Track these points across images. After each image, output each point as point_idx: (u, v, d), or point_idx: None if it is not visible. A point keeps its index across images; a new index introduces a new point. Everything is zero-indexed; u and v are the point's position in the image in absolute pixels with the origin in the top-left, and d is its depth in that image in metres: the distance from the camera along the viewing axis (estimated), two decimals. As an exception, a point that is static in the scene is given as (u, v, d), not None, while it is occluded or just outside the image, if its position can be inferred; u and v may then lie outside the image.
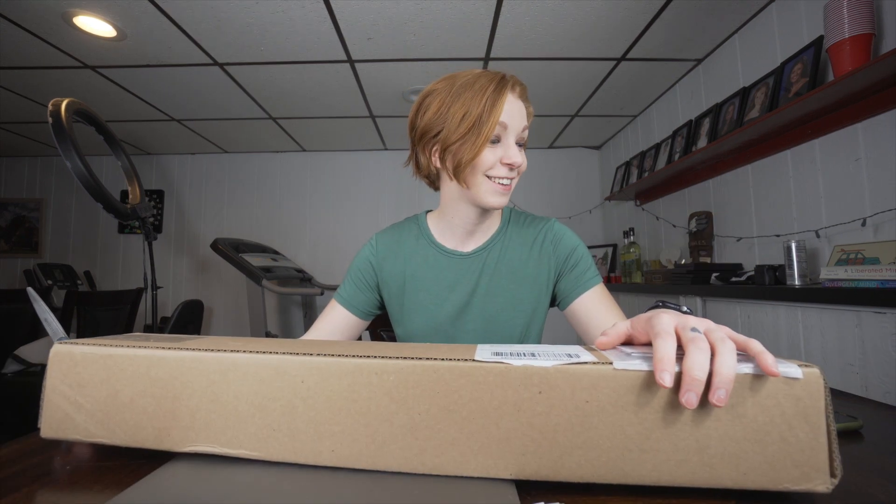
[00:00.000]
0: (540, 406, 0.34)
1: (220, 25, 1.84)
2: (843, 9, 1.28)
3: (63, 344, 0.41)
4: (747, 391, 0.32)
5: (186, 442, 0.38)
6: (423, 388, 0.35)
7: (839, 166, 1.44)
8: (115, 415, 0.39)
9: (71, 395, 0.40)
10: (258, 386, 0.37)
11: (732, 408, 0.32)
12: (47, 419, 0.40)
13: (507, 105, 0.68)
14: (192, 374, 0.38)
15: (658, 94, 2.53)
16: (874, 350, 1.08)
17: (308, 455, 0.36)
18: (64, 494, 0.35)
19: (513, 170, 0.70)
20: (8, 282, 3.61)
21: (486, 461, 0.34)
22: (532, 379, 0.34)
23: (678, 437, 0.33)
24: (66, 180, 3.64)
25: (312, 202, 3.60)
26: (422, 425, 0.35)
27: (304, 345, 0.42)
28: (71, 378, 0.40)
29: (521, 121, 0.70)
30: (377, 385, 0.36)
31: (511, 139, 0.69)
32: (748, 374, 0.33)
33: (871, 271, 1.12)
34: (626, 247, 2.73)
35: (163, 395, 0.39)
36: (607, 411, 0.33)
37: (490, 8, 1.73)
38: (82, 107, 1.85)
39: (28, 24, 1.82)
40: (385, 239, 0.83)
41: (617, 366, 0.33)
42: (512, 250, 0.79)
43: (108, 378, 0.40)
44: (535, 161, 3.57)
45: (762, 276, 1.47)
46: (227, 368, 0.38)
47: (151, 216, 2.21)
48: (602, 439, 0.33)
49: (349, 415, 0.36)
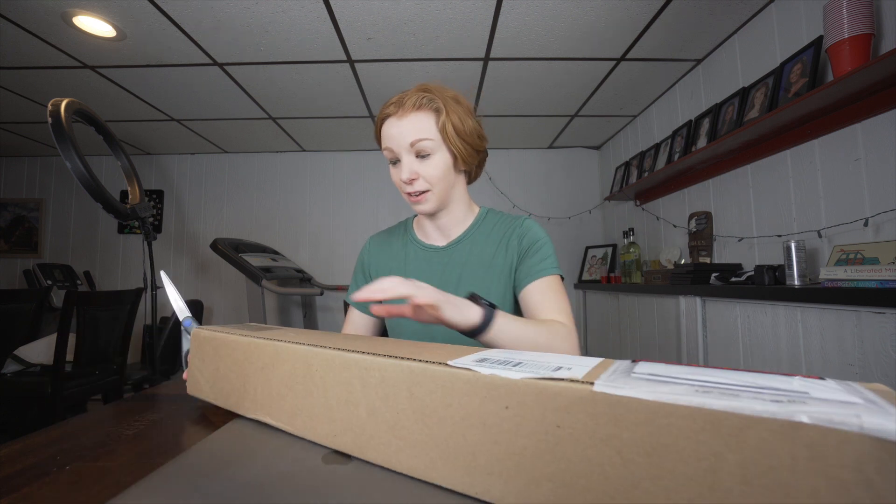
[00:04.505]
0: (507, 423, 0.29)
1: (219, 25, 1.84)
2: (842, 9, 1.28)
3: (200, 328, 0.55)
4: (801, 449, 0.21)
5: (250, 411, 0.47)
6: (401, 388, 0.35)
7: (839, 166, 1.44)
8: (216, 383, 0.52)
9: (199, 366, 0.54)
10: (290, 372, 0.44)
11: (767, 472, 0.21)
12: (189, 381, 0.56)
13: (386, 132, 0.77)
14: (253, 357, 0.47)
15: (658, 94, 2.53)
16: (874, 350, 1.08)
17: (321, 436, 0.40)
18: (64, 494, 0.35)
19: (411, 184, 0.76)
20: (8, 282, 3.61)
21: (454, 474, 0.32)
22: (499, 391, 0.30)
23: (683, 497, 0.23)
24: (66, 180, 3.63)
25: (312, 202, 3.60)
26: (399, 425, 0.35)
27: (325, 337, 0.49)
28: (199, 353, 0.54)
29: (407, 137, 0.75)
30: (367, 381, 0.37)
31: (406, 157, 0.76)
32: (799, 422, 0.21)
33: (870, 271, 1.12)
34: (625, 247, 2.73)
35: (239, 371, 0.49)
36: (582, 443, 0.26)
37: (490, 8, 1.73)
38: (82, 107, 1.85)
39: (28, 24, 1.82)
40: (376, 239, 0.94)
41: (598, 387, 0.26)
42: (483, 244, 0.84)
43: (214, 355, 0.52)
44: (535, 161, 3.57)
45: (762, 277, 1.47)
46: (274, 355, 0.45)
47: (151, 216, 2.21)
48: (576, 476, 0.26)
49: (347, 405, 0.39)
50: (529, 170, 3.56)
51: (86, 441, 0.47)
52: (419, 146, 0.75)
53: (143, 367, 2.68)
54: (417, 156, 0.76)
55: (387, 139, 0.77)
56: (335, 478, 0.35)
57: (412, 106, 0.75)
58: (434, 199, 0.79)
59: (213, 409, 0.59)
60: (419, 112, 0.75)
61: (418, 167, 0.76)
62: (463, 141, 0.77)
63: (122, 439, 0.48)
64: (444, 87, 0.79)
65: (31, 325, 2.09)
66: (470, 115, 0.79)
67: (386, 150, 0.78)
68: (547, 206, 3.50)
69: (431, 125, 0.75)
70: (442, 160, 0.76)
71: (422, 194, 0.77)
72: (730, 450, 0.22)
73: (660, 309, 2.07)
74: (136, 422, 0.55)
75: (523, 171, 3.55)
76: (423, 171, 0.76)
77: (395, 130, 0.75)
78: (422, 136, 0.74)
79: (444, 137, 0.76)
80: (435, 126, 0.75)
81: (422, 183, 0.77)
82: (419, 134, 0.74)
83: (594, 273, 3.20)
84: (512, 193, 3.49)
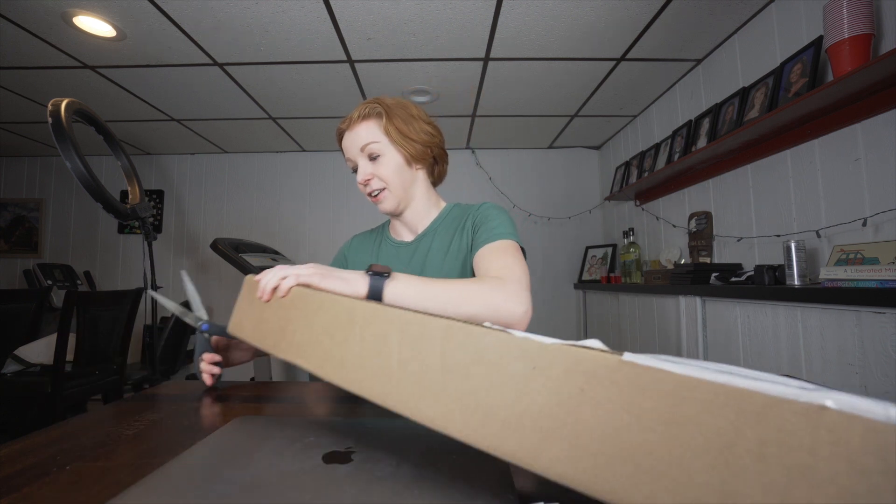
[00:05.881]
0: (532, 382, 0.31)
1: (219, 25, 1.84)
2: (842, 9, 1.28)
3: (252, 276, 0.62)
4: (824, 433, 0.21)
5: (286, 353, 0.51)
6: (435, 342, 0.37)
7: (839, 166, 1.44)
8: (258, 325, 0.57)
9: (246, 308, 0.60)
10: (332, 320, 0.47)
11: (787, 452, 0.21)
12: (232, 322, 0.62)
13: (343, 145, 0.88)
14: (300, 304, 0.53)
15: (658, 94, 2.53)
16: (874, 350, 1.08)
17: (348, 382, 0.42)
18: (64, 494, 0.35)
19: (367, 184, 0.86)
20: (8, 282, 3.60)
21: (470, 426, 0.33)
22: (528, 352, 0.31)
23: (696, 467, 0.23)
24: (66, 180, 3.63)
25: (312, 202, 3.60)
26: (426, 377, 0.36)
27: None
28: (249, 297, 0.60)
29: (357, 143, 0.85)
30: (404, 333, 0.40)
31: (360, 161, 0.86)
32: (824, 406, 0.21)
33: (870, 271, 1.12)
34: (625, 247, 2.73)
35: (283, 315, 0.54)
36: (603, 407, 0.27)
37: (490, 8, 1.73)
38: (82, 107, 1.85)
39: (28, 24, 1.82)
40: (358, 237, 1.04)
41: (626, 357, 0.27)
42: (444, 234, 0.91)
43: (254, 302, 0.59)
44: (535, 161, 3.57)
45: (762, 276, 1.47)
46: (319, 303, 0.51)
47: (151, 216, 2.21)
48: (591, 439, 0.27)
49: (380, 356, 0.40)
50: (529, 170, 3.55)
51: (86, 441, 0.47)
52: (368, 149, 0.85)
53: (143, 367, 2.68)
54: (370, 159, 0.86)
55: (345, 151, 0.88)
56: (335, 478, 0.35)
57: (358, 117, 0.85)
58: (391, 197, 0.87)
59: (213, 409, 0.59)
60: (365, 121, 0.85)
61: (372, 168, 0.86)
62: (408, 139, 0.85)
63: (122, 439, 0.48)
64: (389, 97, 0.89)
65: (31, 325, 2.09)
66: (416, 118, 0.88)
67: (348, 161, 0.88)
68: (547, 207, 3.50)
69: (377, 130, 0.85)
70: (392, 159, 0.86)
71: (379, 193, 0.87)
72: (749, 427, 0.22)
73: (660, 309, 2.07)
74: (136, 422, 0.55)
75: (523, 171, 3.55)
76: (376, 171, 0.86)
77: (348, 142, 0.87)
78: (368, 139, 0.85)
79: (390, 139, 0.85)
80: (380, 130, 0.85)
81: (377, 182, 0.86)
82: (366, 139, 0.85)
83: (594, 273, 3.20)
84: (512, 193, 3.49)
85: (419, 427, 0.35)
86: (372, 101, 0.86)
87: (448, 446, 0.41)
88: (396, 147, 0.85)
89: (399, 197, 0.88)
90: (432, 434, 0.34)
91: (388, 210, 0.89)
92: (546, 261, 3.48)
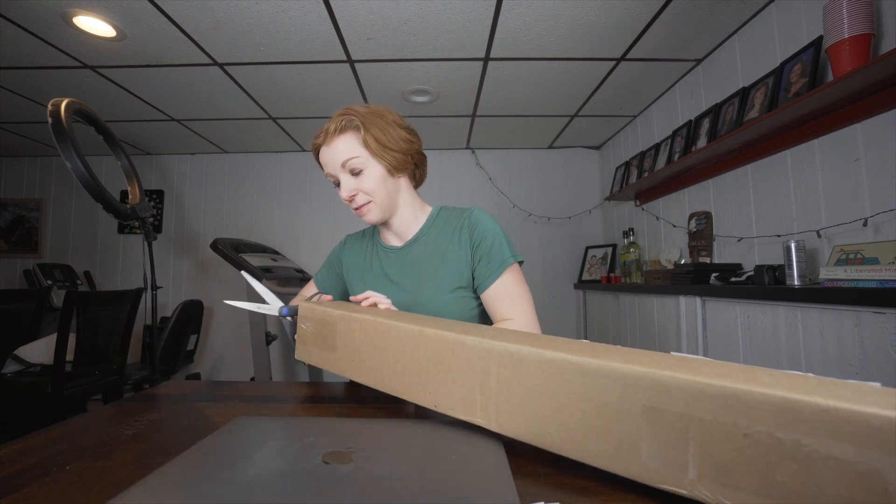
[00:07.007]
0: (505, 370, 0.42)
1: (219, 25, 1.84)
2: (842, 9, 1.28)
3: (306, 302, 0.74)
4: None
5: (335, 369, 0.63)
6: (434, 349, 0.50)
7: (839, 166, 1.44)
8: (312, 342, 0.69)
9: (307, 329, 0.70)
10: (376, 339, 0.57)
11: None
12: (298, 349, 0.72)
13: (321, 160, 0.87)
14: (341, 325, 0.63)
15: (658, 94, 2.53)
16: (874, 350, 1.08)
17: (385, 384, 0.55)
18: (64, 494, 0.35)
19: (352, 200, 0.86)
20: (8, 282, 3.60)
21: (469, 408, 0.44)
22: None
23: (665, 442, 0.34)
24: (66, 180, 3.63)
25: (312, 202, 3.60)
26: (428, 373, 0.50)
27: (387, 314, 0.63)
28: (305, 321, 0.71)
29: (338, 159, 0.84)
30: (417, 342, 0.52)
31: (343, 177, 0.85)
32: None
33: (870, 271, 1.12)
34: (625, 247, 2.73)
35: (327, 333, 0.66)
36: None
37: (490, 8, 1.73)
38: (82, 107, 1.85)
39: (28, 24, 1.82)
40: (352, 238, 1.05)
41: None
42: (436, 239, 0.92)
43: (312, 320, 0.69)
44: (535, 161, 3.56)
45: (762, 276, 1.47)
46: (361, 326, 0.59)
47: (151, 216, 2.21)
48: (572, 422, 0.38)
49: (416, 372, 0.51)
50: (529, 170, 3.55)
51: (86, 441, 0.47)
52: (350, 165, 0.83)
53: (143, 367, 2.69)
54: (352, 173, 0.84)
55: (324, 166, 0.87)
56: (335, 478, 0.35)
57: (335, 131, 0.83)
58: (377, 209, 0.87)
59: (213, 409, 0.59)
60: (342, 135, 0.83)
61: (355, 184, 0.85)
62: (388, 150, 0.84)
63: (122, 439, 0.48)
64: (364, 105, 0.87)
65: (31, 325, 2.09)
66: (393, 125, 0.86)
67: (328, 176, 0.88)
68: (547, 207, 3.50)
69: (356, 143, 0.83)
70: (375, 172, 0.85)
71: (365, 206, 0.86)
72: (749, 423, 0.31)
73: (660, 309, 2.07)
74: (136, 422, 0.55)
75: (523, 172, 3.55)
76: (360, 185, 0.85)
77: (327, 157, 0.85)
78: (349, 155, 0.83)
79: (370, 152, 0.83)
80: (359, 143, 0.83)
81: (362, 196, 0.86)
82: (347, 154, 0.83)
83: (594, 273, 3.20)
84: (512, 193, 3.49)
85: (419, 427, 0.35)
86: (345, 113, 0.84)
87: (448, 446, 0.41)
88: (377, 159, 0.84)
89: (384, 207, 0.88)
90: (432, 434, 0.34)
91: (374, 221, 0.89)
92: (546, 261, 3.48)
